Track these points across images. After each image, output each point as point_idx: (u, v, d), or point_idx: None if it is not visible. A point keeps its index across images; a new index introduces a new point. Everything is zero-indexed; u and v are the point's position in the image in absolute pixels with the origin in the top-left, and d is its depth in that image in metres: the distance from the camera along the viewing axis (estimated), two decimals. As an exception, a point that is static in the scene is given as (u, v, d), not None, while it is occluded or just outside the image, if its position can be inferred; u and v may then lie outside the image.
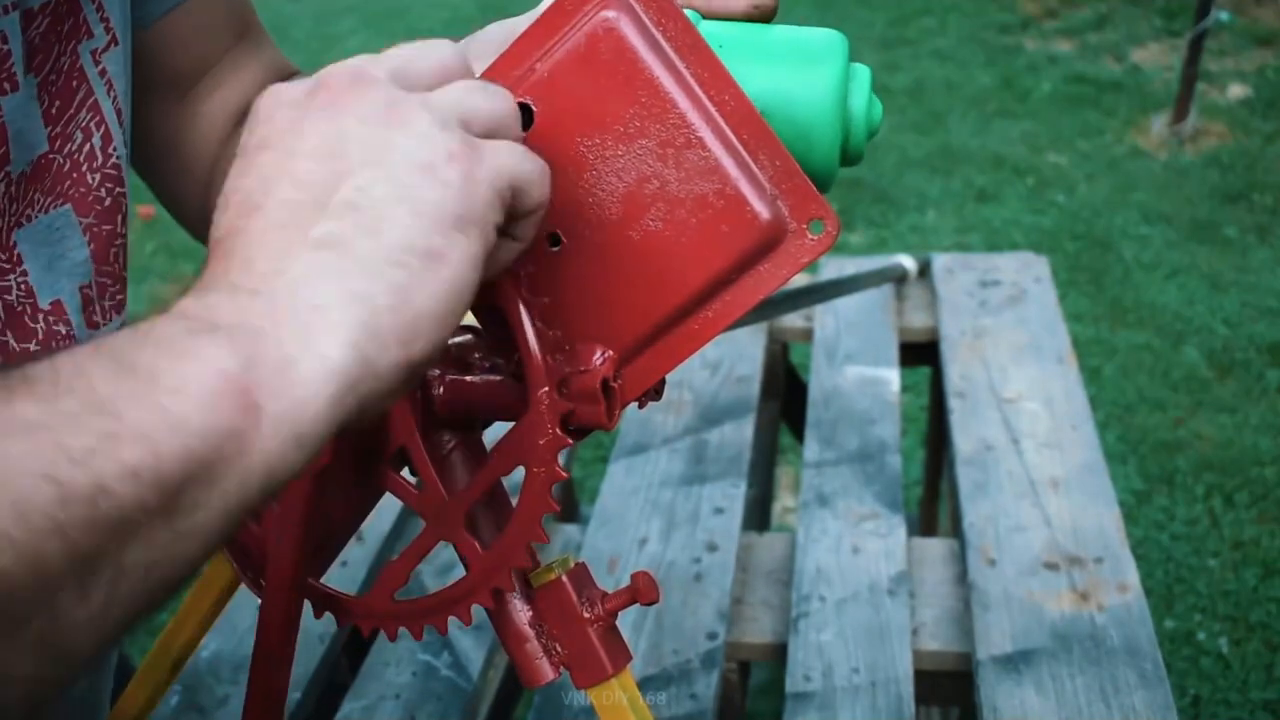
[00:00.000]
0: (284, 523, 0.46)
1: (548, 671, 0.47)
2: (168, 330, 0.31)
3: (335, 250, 0.33)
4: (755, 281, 0.43)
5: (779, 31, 0.47)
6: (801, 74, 0.44)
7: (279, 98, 0.37)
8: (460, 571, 0.48)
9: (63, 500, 0.27)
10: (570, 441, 0.43)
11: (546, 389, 0.42)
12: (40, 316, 0.55)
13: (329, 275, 0.33)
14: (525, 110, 0.44)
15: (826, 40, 0.46)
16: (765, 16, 0.48)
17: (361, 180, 0.34)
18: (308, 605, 0.50)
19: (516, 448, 0.44)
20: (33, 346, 0.54)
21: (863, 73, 0.47)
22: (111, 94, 0.57)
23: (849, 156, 0.47)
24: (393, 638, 0.49)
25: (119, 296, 0.59)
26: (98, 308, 0.58)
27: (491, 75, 0.45)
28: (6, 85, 0.51)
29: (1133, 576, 0.96)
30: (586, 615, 0.46)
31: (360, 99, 0.36)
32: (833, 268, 1.49)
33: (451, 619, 0.48)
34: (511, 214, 0.38)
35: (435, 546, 0.47)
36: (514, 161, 0.37)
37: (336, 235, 0.33)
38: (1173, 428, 2.37)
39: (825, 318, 1.40)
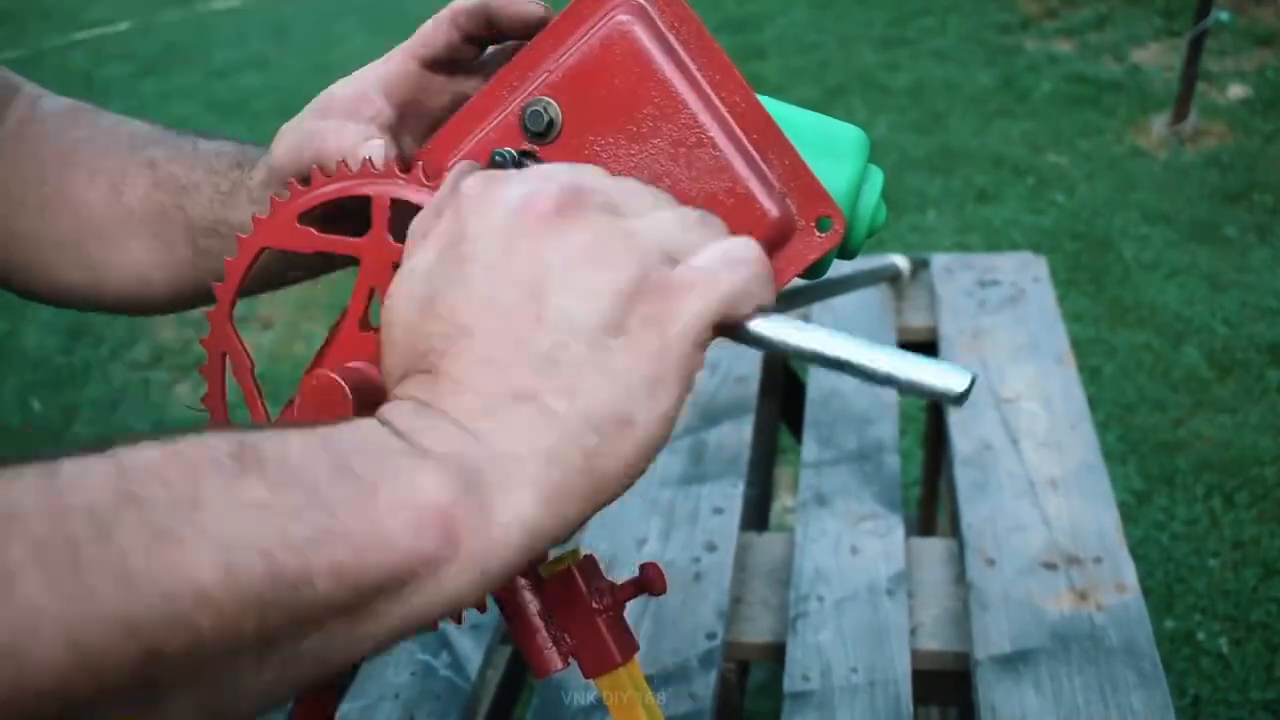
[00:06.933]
0: None
1: (556, 661, 0.48)
2: (386, 443, 0.34)
3: (534, 405, 0.34)
4: None
5: (806, 116, 0.48)
6: (819, 164, 0.45)
7: (494, 197, 0.37)
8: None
9: (271, 579, 0.29)
10: None
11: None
12: None
13: (528, 430, 0.34)
14: (549, 122, 0.44)
15: (850, 137, 0.48)
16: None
17: (559, 335, 0.35)
18: None
19: None
20: None
21: (877, 175, 0.49)
22: None
23: (845, 250, 0.48)
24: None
25: None
26: None
27: (507, 76, 0.46)
28: None
29: (1131, 576, 0.96)
30: (595, 605, 0.47)
31: (569, 229, 0.36)
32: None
33: (453, 619, 0.48)
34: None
35: None
36: (716, 296, 0.36)
37: (534, 391, 0.35)
38: (1173, 428, 2.37)
39: (824, 317, 1.40)
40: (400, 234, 0.43)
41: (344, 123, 0.50)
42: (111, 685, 0.27)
